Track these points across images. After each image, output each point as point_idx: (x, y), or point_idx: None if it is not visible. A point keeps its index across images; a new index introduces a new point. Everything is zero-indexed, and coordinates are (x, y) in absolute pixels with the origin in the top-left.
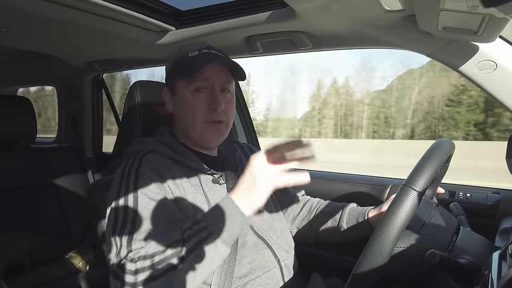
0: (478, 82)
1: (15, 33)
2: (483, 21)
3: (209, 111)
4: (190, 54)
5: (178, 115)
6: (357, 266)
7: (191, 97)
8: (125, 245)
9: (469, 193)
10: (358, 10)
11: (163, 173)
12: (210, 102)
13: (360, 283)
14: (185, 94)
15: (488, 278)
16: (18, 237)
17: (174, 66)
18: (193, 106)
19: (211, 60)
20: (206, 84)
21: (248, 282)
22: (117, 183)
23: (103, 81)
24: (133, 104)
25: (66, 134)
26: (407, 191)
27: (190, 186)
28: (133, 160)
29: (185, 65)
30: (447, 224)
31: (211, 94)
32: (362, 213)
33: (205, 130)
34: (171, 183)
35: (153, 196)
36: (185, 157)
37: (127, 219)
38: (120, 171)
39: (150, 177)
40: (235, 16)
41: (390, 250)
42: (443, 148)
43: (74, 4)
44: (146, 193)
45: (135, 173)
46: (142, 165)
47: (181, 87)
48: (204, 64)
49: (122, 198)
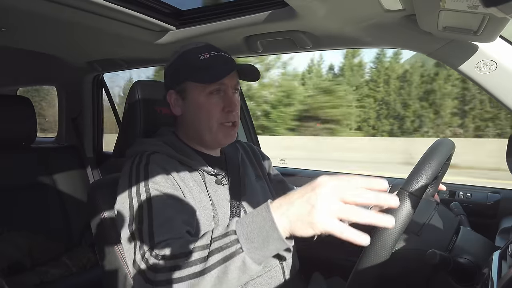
0: (478, 82)
1: (15, 33)
2: (483, 20)
3: (224, 113)
4: (201, 56)
5: (189, 118)
6: (356, 267)
7: (206, 100)
8: (147, 240)
9: (469, 193)
10: (358, 10)
11: (171, 172)
12: (225, 105)
13: (361, 281)
14: (198, 97)
15: (488, 277)
16: (18, 237)
17: (182, 69)
18: (208, 109)
19: (231, 68)
20: (221, 87)
21: (250, 282)
22: (126, 180)
23: (103, 81)
24: (134, 103)
25: (66, 134)
26: (404, 196)
27: (196, 185)
28: (141, 157)
29: (198, 69)
30: (447, 223)
31: (224, 97)
32: None
33: (220, 133)
34: (179, 180)
35: (165, 190)
36: (189, 157)
37: (143, 213)
38: (127, 169)
39: (160, 173)
40: (235, 15)
41: (388, 253)
42: (443, 148)
43: (74, 4)
44: (157, 188)
45: (144, 169)
46: (150, 163)
47: (193, 90)
48: (226, 72)
49: (134, 194)
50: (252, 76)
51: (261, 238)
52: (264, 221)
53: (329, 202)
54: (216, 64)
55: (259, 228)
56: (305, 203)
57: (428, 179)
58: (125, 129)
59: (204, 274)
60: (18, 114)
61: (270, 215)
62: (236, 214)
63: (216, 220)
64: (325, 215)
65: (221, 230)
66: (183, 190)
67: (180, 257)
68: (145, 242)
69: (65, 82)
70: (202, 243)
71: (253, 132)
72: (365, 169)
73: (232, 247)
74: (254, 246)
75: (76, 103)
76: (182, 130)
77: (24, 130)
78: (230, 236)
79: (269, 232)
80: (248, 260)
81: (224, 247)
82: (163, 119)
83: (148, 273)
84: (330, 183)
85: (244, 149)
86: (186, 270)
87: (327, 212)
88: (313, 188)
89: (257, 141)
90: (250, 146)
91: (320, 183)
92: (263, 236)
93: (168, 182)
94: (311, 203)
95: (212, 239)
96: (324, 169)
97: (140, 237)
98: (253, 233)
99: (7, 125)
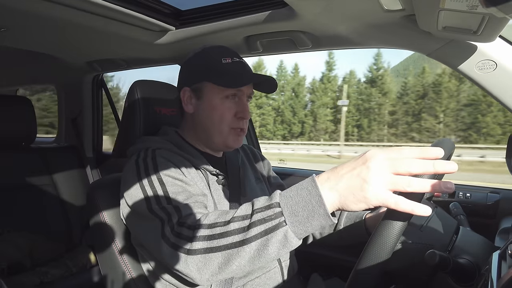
0: (478, 82)
1: (15, 33)
2: (483, 20)
3: (236, 119)
4: (223, 60)
5: (200, 117)
6: (356, 266)
7: (220, 103)
8: (175, 214)
9: (469, 193)
10: (358, 10)
11: (177, 164)
12: (238, 111)
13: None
14: (214, 99)
15: (488, 278)
16: (18, 237)
17: (202, 69)
18: (222, 112)
19: (253, 77)
20: (237, 93)
21: (248, 283)
22: (134, 174)
23: (103, 81)
24: (133, 103)
25: (66, 134)
26: None
27: (200, 181)
28: (146, 152)
29: (220, 72)
30: (446, 224)
31: (239, 103)
32: (360, 216)
33: (230, 137)
34: (186, 173)
35: (177, 176)
36: (192, 156)
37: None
38: (133, 164)
39: (168, 165)
40: (235, 15)
41: (388, 254)
42: (443, 147)
43: (74, 4)
44: (169, 174)
45: (152, 161)
46: (157, 156)
47: (210, 91)
48: (249, 80)
49: (147, 184)
50: (269, 88)
51: (306, 212)
52: (310, 196)
53: (382, 175)
54: (239, 71)
55: (304, 202)
56: (356, 177)
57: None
58: (124, 129)
59: (244, 245)
60: (18, 114)
61: (317, 190)
62: None
63: None
64: (378, 189)
65: (263, 201)
66: (190, 183)
67: (218, 225)
68: (173, 216)
69: (65, 82)
70: (242, 213)
71: (253, 135)
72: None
73: (276, 220)
74: (298, 220)
75: (75, 103)
76: (189, 128)
77: (24, 130)
78: (274, 208)
79: (315, 207)
80: (291, 234)
81: (268, 219)
82: (163, 119)
83: (182, 243)
84: (381, 156)
85: (245, 151)
86: (224, 240)
87: (381, 185)
88: (364, 161)
89: (257, 143)
90: (250, 148)
91: (371, 156)
92: (309, 211)
93: (178, 172)
94: (362, 177)
95: (253, 209)
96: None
97: (165, 213)
98: (297, 206)
99: (7, 125)
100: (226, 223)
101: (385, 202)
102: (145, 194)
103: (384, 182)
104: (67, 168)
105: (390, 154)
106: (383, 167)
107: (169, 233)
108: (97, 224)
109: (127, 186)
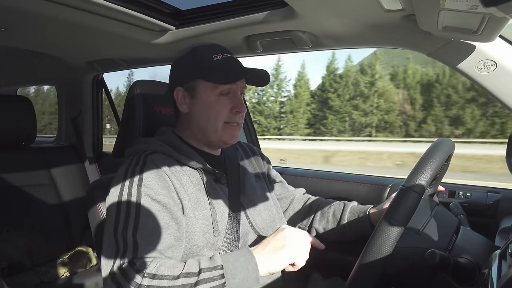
0: (478, 81)
1: (15, 33)
2: (483, 20)
3: (232, 114)
4: (214, 57)
5: (196, 116)
6: (357, 264)
7: (216, 100)
8: (131, 250)
9: (469, 193)
10: (358, 10)
11: (168, 172)
12: (233, 106)
13: (361, 279)
14: (208, 96)
15: (488, 277)
16: (18, 237)
17: (194, 67)
18: (217, 108)
19: (246, 71)
20: (231, 88)
21: None
22: (120, 181)
23: (103, 81)
24: (133, 103)
25: (66, 134)
26: (405, 193)
27: (192, 186)
28: (138, 158)
29: (212, 69)
30: (447, 223)
31: (234, 98)
32: (364, 211)
33: (226, 132)
34: (175, 182)
35: (156, 197)
36: (189, 156)
37: (128, 220)
38: (124, 169)
39: (155, 177)
40: (235, 15)
41: (390, 249)
42: (442, 148)
43: (74, 4)
44: (149, 193)
45: (140, 172)
46: (147, 164)
47: (204, 89)
48: (242, 75)
49: (125, 197)
50: (261, 81)
51: (243, 275)
52: (249, 262)
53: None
54: (231, 66)
55: (242, 266)
56: (279, 241)
57: (429, 176)
58: (124, 128)
59: None
60: (18, 114)
61: (253, 257)
62: (236, 213)
63: (214, 219)
64: (295, 248)
65: (209, 262)
66: (178, 192)
67: (166, 278)
68: (128, 251)
69: (65, 82)
70: (190, 270)
71: (253, 133)
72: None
73: (217, 281)
74: (235, 282)
75: (75, 103)
76: (185, 128)
77: (24, 130)
78: (219, 270)
79: (250, 271)
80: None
81: (213, 279)
82: (163, 119)
83: (125, 285)
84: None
85: (244, 149)
86: None
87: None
88: (282, 234)
89: (257, 142)
90: (250, 146)
91: (287, 231)
92: (245, 273)
93: (162, 188)
94: (284, 241)
95: (201, 268)
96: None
97: (124, 244)
98: (237, 269)
99: (7, 125)
100: (175, 278)
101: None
102: (117, 214)
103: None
104: (67, 168)
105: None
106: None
107: (117, 267)
108: (96, 223)
109: (111, 190)
